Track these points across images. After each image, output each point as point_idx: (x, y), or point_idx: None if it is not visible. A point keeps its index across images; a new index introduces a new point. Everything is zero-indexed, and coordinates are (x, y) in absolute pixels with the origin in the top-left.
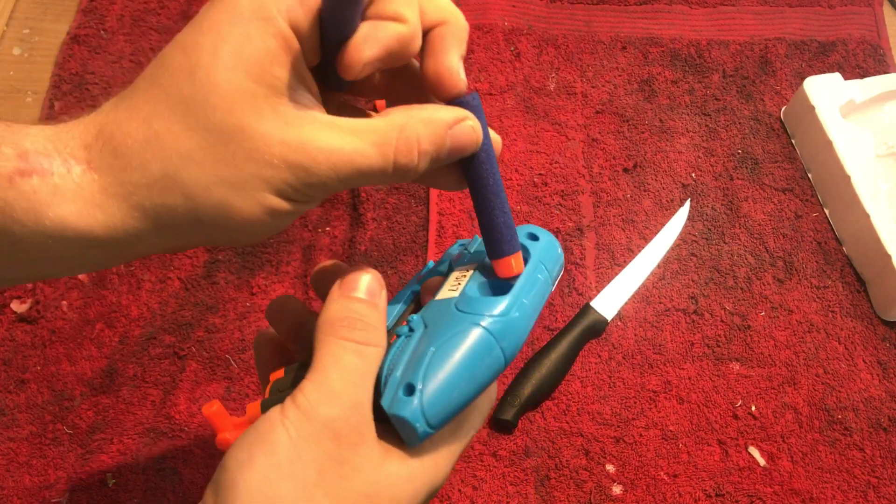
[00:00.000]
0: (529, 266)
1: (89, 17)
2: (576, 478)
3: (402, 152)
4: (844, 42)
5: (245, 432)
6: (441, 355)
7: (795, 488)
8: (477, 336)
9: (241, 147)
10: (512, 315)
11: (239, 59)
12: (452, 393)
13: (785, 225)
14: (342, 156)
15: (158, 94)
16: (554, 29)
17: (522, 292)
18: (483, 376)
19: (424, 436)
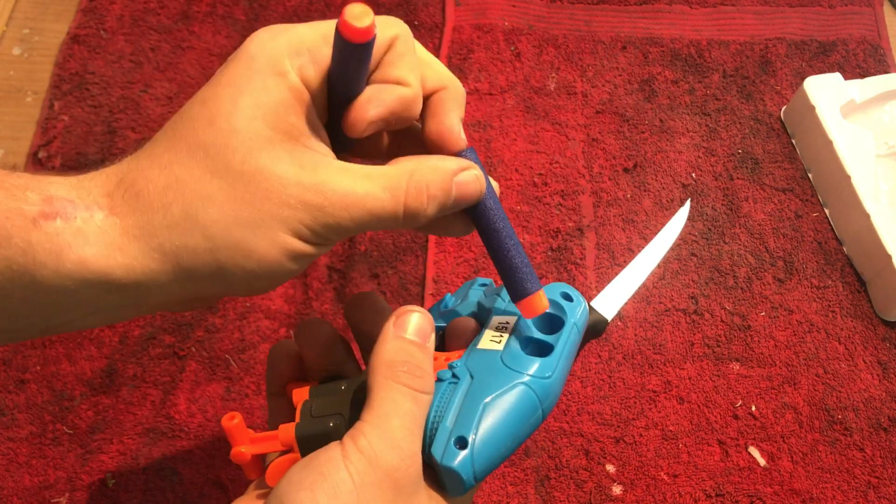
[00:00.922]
0: (566, 328)
1: (89, 16)
2: (576, 478)
3: (413, 196)
4: (845, 42)
5: (302, 467)
6: (491, 411)
7: (796, 488)
8: (525, 396)
9: (260, 188)
10: (553, 377)
11: (257, 108)
12: (500, 449)
13: (785, 225)
14: (355, 198)
15: (179, 142)
16: (554, 29)
17: (563, 354)
18: (525, 433)
19: (470, 486)
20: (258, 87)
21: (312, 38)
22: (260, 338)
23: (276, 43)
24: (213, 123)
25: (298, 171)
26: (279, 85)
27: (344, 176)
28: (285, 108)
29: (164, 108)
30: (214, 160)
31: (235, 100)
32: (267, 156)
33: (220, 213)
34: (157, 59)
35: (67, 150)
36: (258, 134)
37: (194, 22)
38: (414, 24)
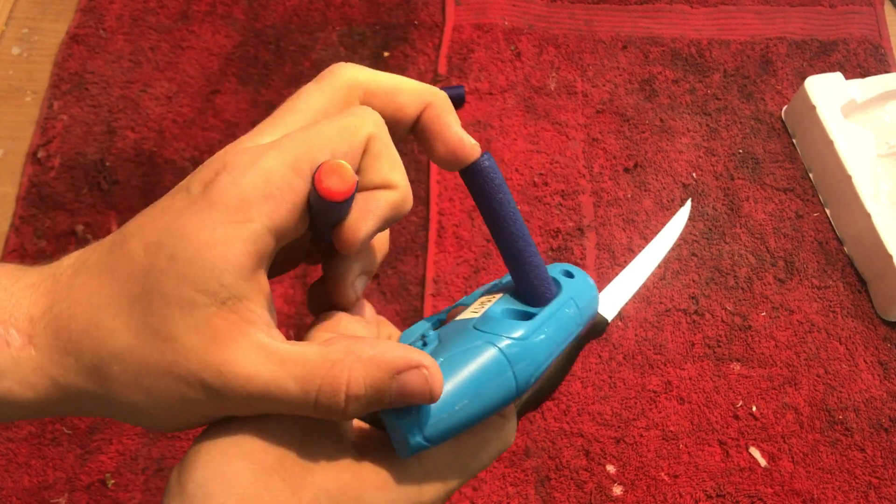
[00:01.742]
0: (559, 299)
1: (88, 16)
2: (576, 478)
3: (326, 394)
4: (845, 41)
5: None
6: (447, 367)
7: (796, 489)
8: (489, 355)
9: (165, 358)
10: (530, 340)
11: (192, 264)
12: (454, 407)
13: (786, 225)
14: (258, 385)
15: (112, 286)
16: (554, 28)
17: (546, 321)
18: (491, 398)
19: (417, 447)
20: (204, 240)
21: (282, 173)
22: None
23: (239, 188)
24: (146, 277)
25: (207, 344)
26: (231, 238)
27: (255, 357)
28: (223, 267)
29: (164, 108)
30: (136, 318)
31: (174, 255)
32: (182, 324)
33: (124, 374)
34: (157, 59)
35: (67, 150)
36: (181, 298)
37: (194, 22)
38: (414, 24)
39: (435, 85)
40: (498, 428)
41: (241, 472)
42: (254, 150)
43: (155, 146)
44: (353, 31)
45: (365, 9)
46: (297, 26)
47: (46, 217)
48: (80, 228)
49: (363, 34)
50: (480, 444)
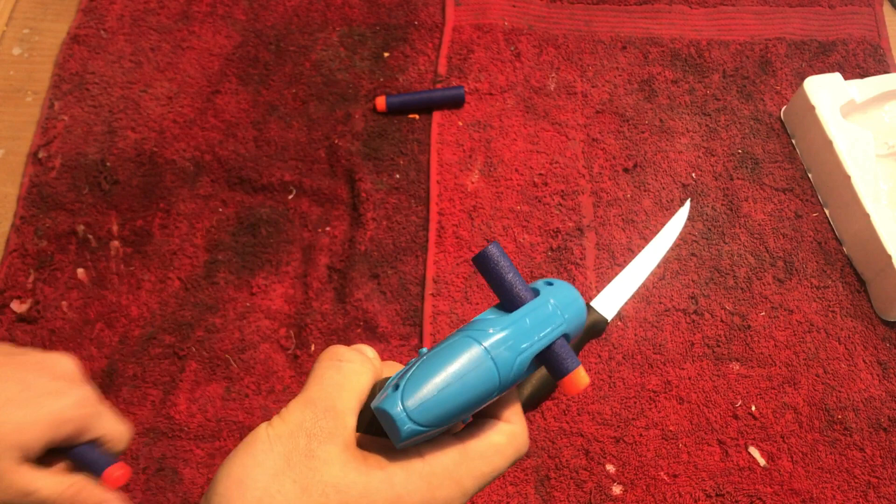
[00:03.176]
0: (537, 300)
1: (89, 16)
2: (576, 478)
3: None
4: (845, 42)
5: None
6: (431, 359)
7: (795, 488)
8: (467, 345)
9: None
10: (505, 330)
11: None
12: (437, 391)
13: (785, 225)
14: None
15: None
16: (554, 29)
17: (522, 317)
18: (474, 384)
19: (409, 432)
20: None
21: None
22: (260, 338)
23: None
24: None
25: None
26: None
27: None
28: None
29: (164, 108)
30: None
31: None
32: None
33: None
34: (158, 59)
35: (68, 150)
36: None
37: (194, 22)
38: (414, 24)
39: (435, 85)
40: (505, 432)
41: (256, 479)
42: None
43: (156, 146)
44: (354, 31)
45: (365, 9)
46: (297, 27)
47: (47, 217)
48: (81, 228)
49: (363, 34)
50: (489, 448)
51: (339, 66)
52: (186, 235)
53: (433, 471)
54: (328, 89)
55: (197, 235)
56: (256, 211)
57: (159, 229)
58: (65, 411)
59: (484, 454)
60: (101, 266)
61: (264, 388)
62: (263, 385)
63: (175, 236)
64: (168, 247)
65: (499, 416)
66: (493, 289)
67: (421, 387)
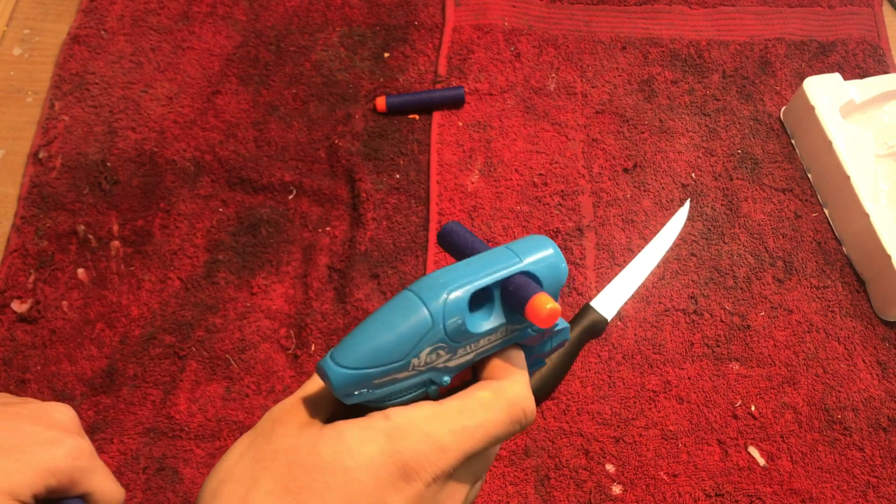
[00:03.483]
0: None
1: (89, 17)
2: (576, 478)
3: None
4: (844, 42)
5: None
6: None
7: (795, 488)
8: (402, 295)
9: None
10: (437, 275)
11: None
12: (362, 335)
13: (785, 225)
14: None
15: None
16: (554, 29)
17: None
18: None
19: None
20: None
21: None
22: (260, 338)
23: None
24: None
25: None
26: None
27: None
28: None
29: (165, 108)
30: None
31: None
32: None
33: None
34: (158, 60)
35: (68, 151)
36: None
37: (195, 22)
38: (414, 25)
39: (435, 86)
40: (493, 388)
41: (222, 466)
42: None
43: (156, 146)
44: (354, 31)
45: (365, 10)
46: (297, 27)
47: (48, 217)
48: (82, 228)
49: (363, 35)
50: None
51: (340, 66)
52: (187, 235)
53: (397, 424)
54: (328, 89)
55: (197, 235)
56: (257, 211)
57: (160, 229)
58: (57, 461)
59: (464, 408)
60: (102, 266)
61: (264, 388)
62: (264, 385)
63: (175, 236)
64: (168, 247)
65: (491, 376)
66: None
67: (349, 337)
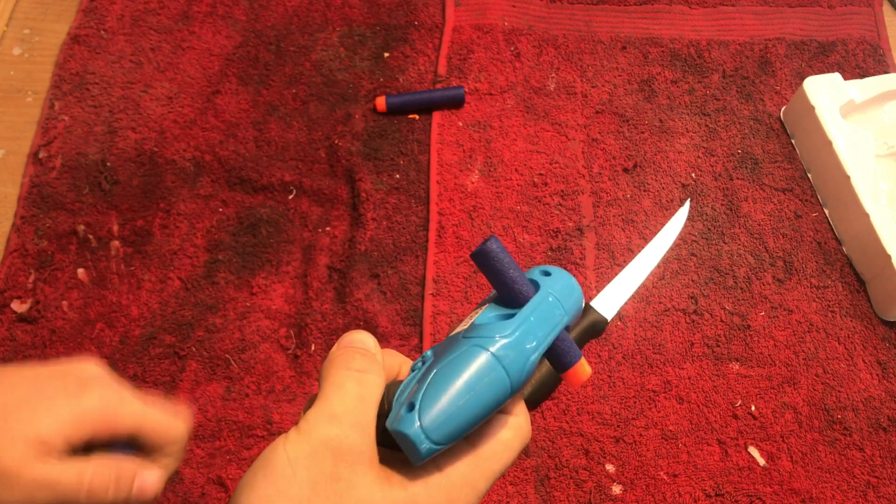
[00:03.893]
0: (538, 296)
1: (89, 17)
2: (576, 477)
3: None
4: (844, 42)
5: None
6: (441, 374)
7: (795, 488)
8: (477, 355)
9: None
10: (514, 336)
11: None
12: (452, 408)
13: (785, 225)
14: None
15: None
16: (554, 29)
17: (527, 317)
18: (487, 395)
19: (428, 452)
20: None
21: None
22: (260, 338)
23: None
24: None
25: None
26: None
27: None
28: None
29: (165, 108)
30: None
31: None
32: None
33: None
34: (158, 60)
35: (68, 150)
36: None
37: (194, 22)
38: (414, 25)
39: (435, 85)
40: (512, 426)
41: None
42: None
43: (156, 146)
44: (354, 31)
45: (365, 9)
46: (297, 27)
47: (47, 217)
48: (82, 228)
49: (363, 35)
50: (499, 446)
51: (340, 66)
52: (187, 235)
53: (451, 481)
54: (328, 89)
55: (197, 235)
56: (257, 211)
57: (160, 229)
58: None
59: (495, 452)
60: (102, 266)
61: (264, 387)
62: (264, 385)
63: (175, 236)
64: (168, 247)
65: (502, 409)
66: (494, 285)
67: (435, 404)
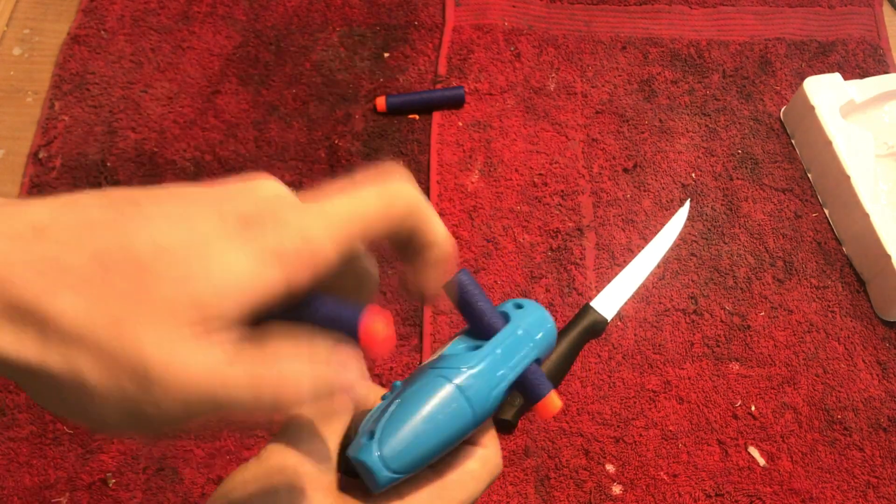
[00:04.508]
0: (507, 328)
1: (89, 17)
2: (576, 478)
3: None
4: (844, 42)
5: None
6: (404, 404)
7: (795, 488)
8: (439, 386)
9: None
10: (478, 367)
11: (198, 283)
12: (412, 437)
13: (785, 225)
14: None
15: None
16: (554, 29)
17: (494, 349)
18: (450, 425)
19: (387, 480)
20: (227, 269)
21: (320, 239)
22: None
23: (278, 242)
24: (142, 273)
25: (170, 345)
26: (254, 279)
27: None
28: (232, 300)
29: (165, 108)
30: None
31: (188, 264)
32: (151, 320)
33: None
34: (158, 60)
35: (68, 150)
36: (168, 300)
37: (194, 22)
38: (414, 25)
39: (435, 85)
40: (480, 458)
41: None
42: (302, 209)
43: (156, 147)
44: (354, 31)
45: (365, 10)
46: (297, 27)
47: None
48: None
49: (363, 35)
50: (465, 476)
51: (340, 66)
52: None
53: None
54: (328, 89)
55: None
56: None
57: None
58: (263, 267)
59: (460, 482)
60: None
61: None
62: None
63: None
64: None
65: (470, 440)
66: (465, 317)
67: (395, 433)
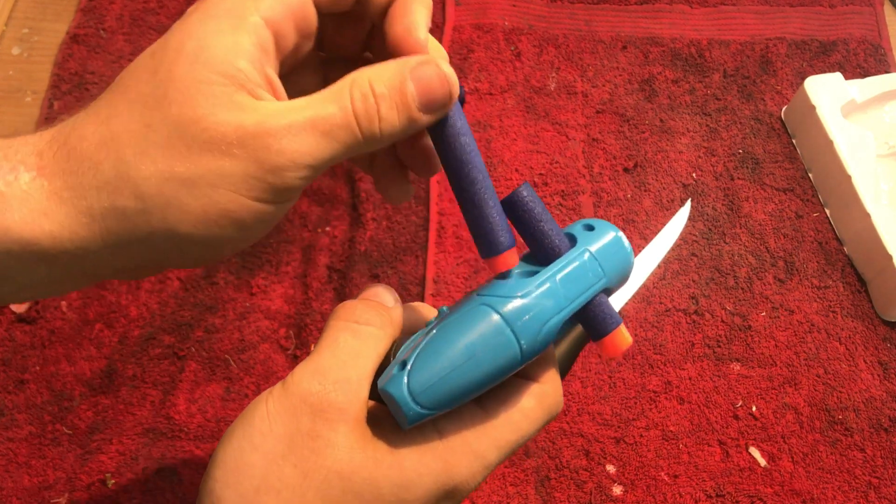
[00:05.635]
0: (570, 253)
1: (88, 16)
2: (576, 478)
3: (358, 98)
4: (845, 42)
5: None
6: (441, 333)
7: (796, 489)
8: (481, 315)
9: (197, 139)
10: (530, 296)
11: (202, 52)
12: (446, 371)
13: (786, 225)
14: (301, 126)
15: (120, 96)
16: (554, 28)
17: (551, 276)
18: (491, 360)
19: (416, 417)
20: (209, 30)
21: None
22: (259, 338)
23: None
24: (155, 74)
25: (238, 114)
26: (234, 27)
27: (287, 109)
28: (235, 53)
29: None
30: (152, 112)
31: (181, 46)
32: (205, 103)
33: (153, 168)
34: None
35: None
36: (198, 80)
37: None
38: None
39: None
40: (535, 394)
41: (254, 464)
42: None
43: None
44: None
45: None
46: None
47: None
48: None
49: None
50: (517, 414)
51: None
52: None
53: (450, 446)
54: None
55: None
56: None
57: None
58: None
59: (510, 421)
60: None
61: (264, 388)
62: (263, 385)
63: None
64: None
65: (526, 375)
66: (524, 239)
67: (428, 367)
